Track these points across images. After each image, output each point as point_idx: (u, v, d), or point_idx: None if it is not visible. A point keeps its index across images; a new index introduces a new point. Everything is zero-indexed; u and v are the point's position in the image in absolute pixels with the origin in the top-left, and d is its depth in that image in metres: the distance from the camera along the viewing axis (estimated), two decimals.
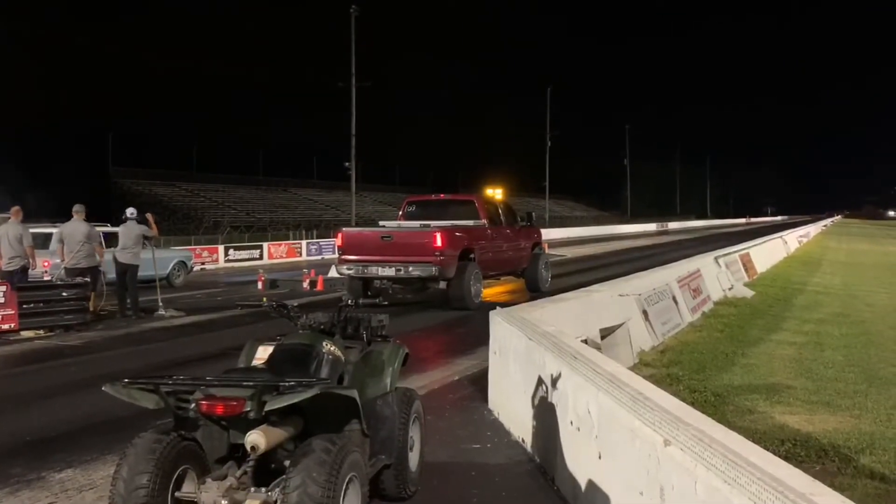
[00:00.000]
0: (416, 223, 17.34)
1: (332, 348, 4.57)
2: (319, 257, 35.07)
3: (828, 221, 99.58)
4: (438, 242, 15.47)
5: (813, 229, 59.89)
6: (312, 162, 75.18)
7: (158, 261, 20.52)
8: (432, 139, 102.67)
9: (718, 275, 16.42)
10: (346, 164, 43.96)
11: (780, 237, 34.30)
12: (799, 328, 12.89)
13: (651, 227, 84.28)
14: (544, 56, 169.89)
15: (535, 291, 17.95)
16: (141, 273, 15.49)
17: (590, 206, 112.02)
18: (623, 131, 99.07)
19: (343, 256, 16.50)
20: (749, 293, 16.81)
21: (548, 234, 37.89)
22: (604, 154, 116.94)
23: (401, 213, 18.79)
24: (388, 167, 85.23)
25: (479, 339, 8.01)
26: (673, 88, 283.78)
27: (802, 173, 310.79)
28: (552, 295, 10.88)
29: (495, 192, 50.61)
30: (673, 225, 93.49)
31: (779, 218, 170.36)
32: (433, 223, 16.81)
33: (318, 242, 39.03)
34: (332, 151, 52.96)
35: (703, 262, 16.14)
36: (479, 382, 8.37)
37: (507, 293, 18.57)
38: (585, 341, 8.05)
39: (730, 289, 16.51)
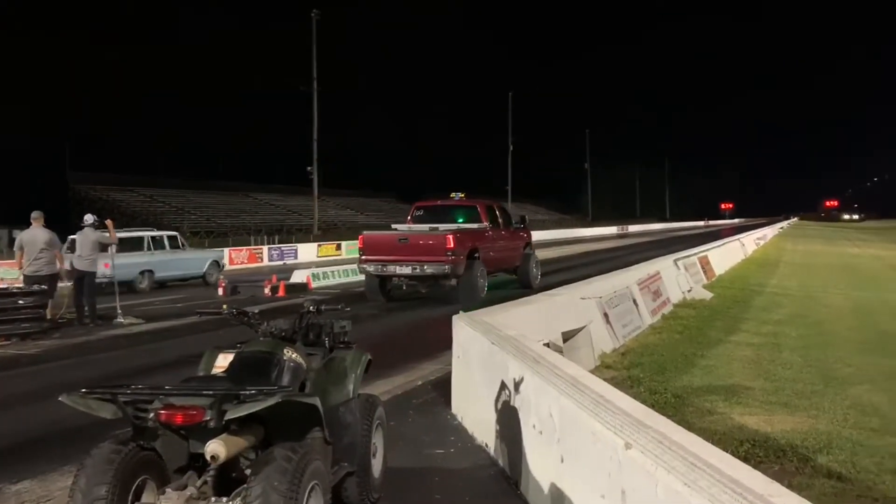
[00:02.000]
0: (426, 226, 19.11)
1: (293, 355, 4.52)
2: (281, 262, 35.01)
3: (784, 223, 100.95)
4: (451, 244, 17.21)
5: (770, 231, 60.53)
6: (274, 166, 75.00)
7: (194, 261, 24.17)
8: (394, 143, 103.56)
9: (678, 277, 16.56)
10: (309, 168, 43.79)
11: (738, 240, 34.57)
12: (757, 329, 13.04)
13: (612, 230, 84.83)
14: (504, 64, 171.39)
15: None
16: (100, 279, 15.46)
17: (551, 209, 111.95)
18: (584, 135, 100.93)
19: (364, 257, 18.34)
20: (708, 295, 16.97)
21: None
22: (565, 158, 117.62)
23: (409, 216, 20.58)
24: (353, 171, 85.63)
25: (444, 343, 8.01)
26: (633, 92, 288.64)
27: (760, 176, 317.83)
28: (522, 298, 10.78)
29: (458, 195, 51.13)
30: (633, 228, 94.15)
31: (736, 220, 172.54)
32: (441, 226, 18.68)
33: (279, 248, 38.78)
34: (294, 155, 52.93)
35: (663, 265, 16.26)
36: (442, 387, 8.35)
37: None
38: (548, 344, 8.09)
39: (689, 291, 16.64)
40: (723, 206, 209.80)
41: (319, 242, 42.87)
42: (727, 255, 27.16)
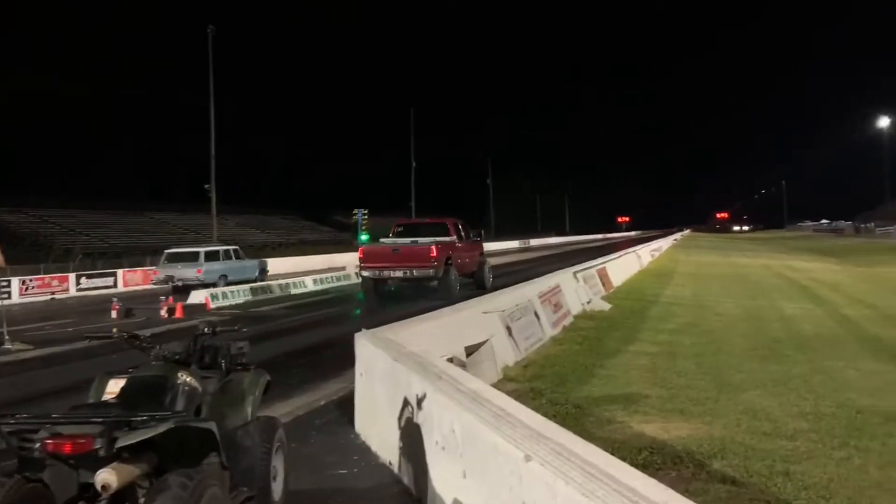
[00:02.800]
0: (408, 240, 23.93)
1: (187, 379, 4.40)
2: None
3: (678, 235, 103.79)
4: (434, 253, 22.19)
5: (665, 243, 62.14)
6: (170, 184, 73.48)
7: (249, 267, 31.60)
8: (296, 158, 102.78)
9: (577, 289, 16.82)
10: (206, 185, 42.90)
11: (634, 251, 35.34)
12: (653, 339, 13.29)
13: (514, 244, 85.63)
14: (407, 78, 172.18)
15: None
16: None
17: None
18: (486, 148, 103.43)
19: (363, 264, 23.48)
20: (606, 306, 17.25)
21: None
22: (468, 172, 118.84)
23: (392, 232, 25.49)
24: (256, 187, 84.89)
25: (348, 361, 7.92)
26: (531, 107, 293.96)
27: (656, 190, 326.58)
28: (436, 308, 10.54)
29: (360, 213, 51.77)
30: (534, 242, 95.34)
31: (633, 233, 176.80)
32: (421, 239, 23.52)
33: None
34: (194, 173, 51.54)
35: (563, 278, 16.46)
36: (346, 406, 8.24)
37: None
38: (451, 360, 8.08)
39: (588, 303, 16.90)
40: (620, 219, 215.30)
41: None
42: (624, 266, 27.81)
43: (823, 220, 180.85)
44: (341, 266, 39.20)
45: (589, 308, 16.61)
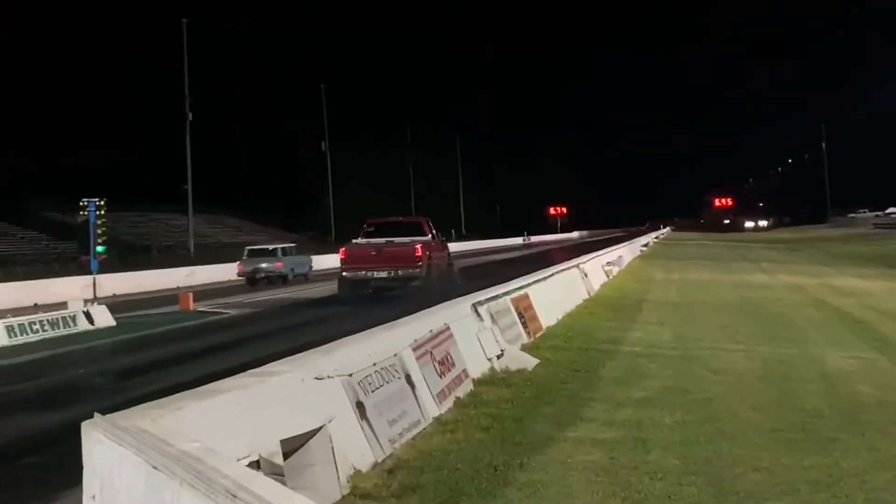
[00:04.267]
0: (383, 240, 35.39)
1: None
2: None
3: (651, 237, 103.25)
4: (419, 252, 33.24)
5: (628, 251, 58.73)
6: None
7: (302, 263, 63.87)
8: None
9: (480, 333, 15.98)
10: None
11: (577, 266, 33.34)
12: (610, 416, 12.67)
13: None
14: None
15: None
16: None
17: (289, 229, 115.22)
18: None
19: (345, 266, 34.93)
20: (531, 361, 16.58)
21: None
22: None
23: (362, 233, 36.41)
24: None
25: (71, 472, 7.48)
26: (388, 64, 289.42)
27: (610, 167, 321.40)
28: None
29: (91, 205, 51.69)
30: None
31: (576, 234, 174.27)
32: (397, 239, 34.89)
33: None
34: None
35: (455, 314, 15.49)
36: None
37: None
38: (257, 463, 7.74)
39: (499, 356, 16.17)
40: (552, 210, 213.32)
41: None
42: (561, 292, 26.40)
43: (891, 209, 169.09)
44: (58, 302, 36.73)
45: (501, 365, 15.81)
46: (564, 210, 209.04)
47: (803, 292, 35.59)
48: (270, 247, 56.80)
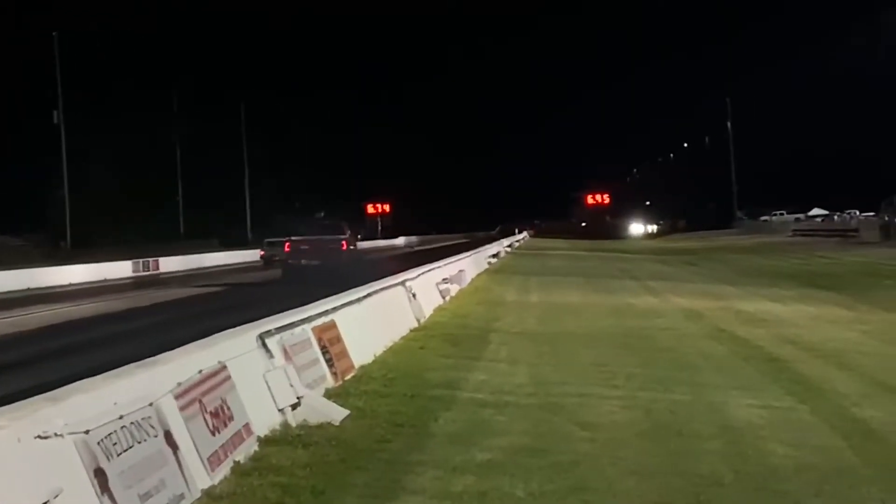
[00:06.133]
0: (317, 237, 53.01)
1: None
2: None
3: (505, 245, 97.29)
4: (344, 246, 52.68)
5: (472, 263, 51.11)
6: None
7: None
8: None
9: (269, 375, 13.51)
10: None
11: (402, 282, 28.62)
12: (444, 486, 10.64)
13: (124, 267, 68.57)
14: None
15: None
16: None
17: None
18: None
19: (288, 253, 52.48)
20: (338, 413, 14.13)
21: None
22: None
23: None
24: None
25: None
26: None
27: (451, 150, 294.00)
28: None
29: None
30: (165, 262, 75.93)
31: (401, 239, 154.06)
32: (327, 237, 53.23)
33: None
34: None
35: (234, 348, 13.09)
36: None
37: None
38: None
39: (295, 405, 13.73)
40: (370, 207, 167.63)
41: None
42: (380, 319, 22.87)
43: (816, 211, 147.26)
44: None
45: (298, 418, 13.56)
46: (388, 206, 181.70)
47: (702, 320, 31.17)
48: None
